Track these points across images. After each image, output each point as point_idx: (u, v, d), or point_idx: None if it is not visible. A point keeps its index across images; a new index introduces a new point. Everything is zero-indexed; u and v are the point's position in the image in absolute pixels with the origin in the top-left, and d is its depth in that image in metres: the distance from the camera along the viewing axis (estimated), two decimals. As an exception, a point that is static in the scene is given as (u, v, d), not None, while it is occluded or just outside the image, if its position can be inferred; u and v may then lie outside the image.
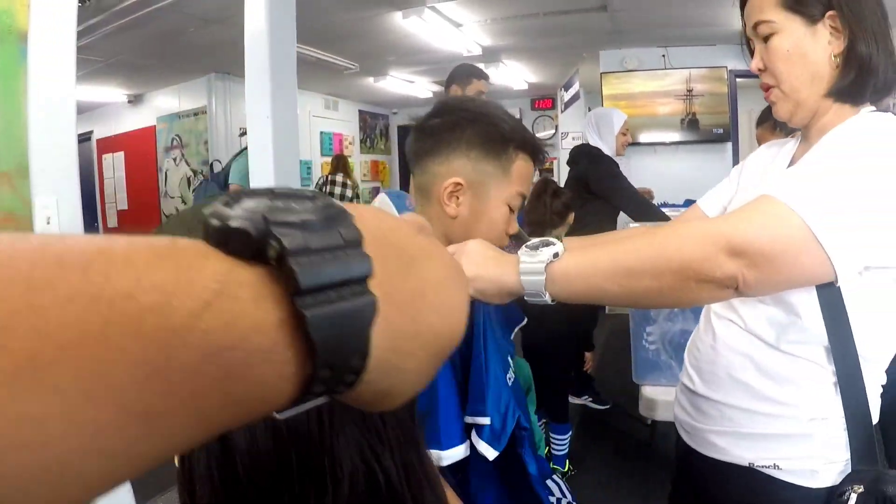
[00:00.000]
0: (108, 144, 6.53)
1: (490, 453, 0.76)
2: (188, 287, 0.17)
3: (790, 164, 0.88)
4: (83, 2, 3.09)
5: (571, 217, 2.26)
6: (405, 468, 0.40)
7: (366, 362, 0.21)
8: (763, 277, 0.68)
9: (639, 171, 4.76)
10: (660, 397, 2.00)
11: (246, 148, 2.83)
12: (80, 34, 1.99)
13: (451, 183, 0.86)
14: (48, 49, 1.42)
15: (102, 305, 0.16)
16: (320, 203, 0.21)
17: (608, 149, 2.75)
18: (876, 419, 0.82)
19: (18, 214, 1.40)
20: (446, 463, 0.75)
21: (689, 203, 1.15)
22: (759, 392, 0.82)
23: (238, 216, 0.19)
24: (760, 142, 2.60)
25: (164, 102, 6.02)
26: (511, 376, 0.90)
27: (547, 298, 0.72)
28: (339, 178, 5.39)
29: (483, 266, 0.73)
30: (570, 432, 2.45)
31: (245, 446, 0.38)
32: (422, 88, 6.77)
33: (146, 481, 1.76)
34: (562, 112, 6.59)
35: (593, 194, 2.65)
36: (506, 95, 7.18)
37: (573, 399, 2.86)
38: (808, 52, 0.79)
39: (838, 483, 0.77)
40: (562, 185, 2.64)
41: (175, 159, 5.95)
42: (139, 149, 6.21)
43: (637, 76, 5.10)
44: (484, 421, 0.76)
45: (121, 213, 6.51)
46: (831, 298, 0.74)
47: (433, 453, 0.70)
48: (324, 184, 5.47)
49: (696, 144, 5.12)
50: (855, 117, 0.80)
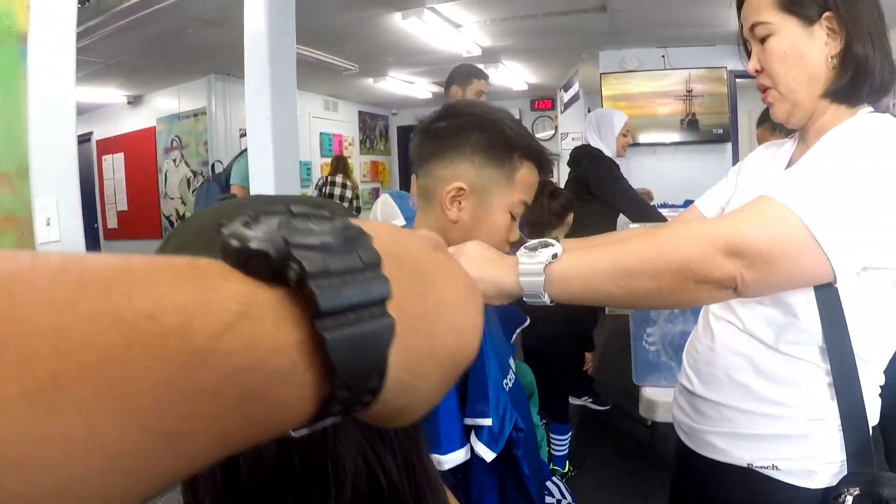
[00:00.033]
0: (108, 145, 6.53)
1: (488, 455, 0.76)
2: (210, 309, 0.18)
3: (788, 165, 0.89)
4: (83, 3, 3.09)
5: (570, 218, 2.25)
6: (407, 469, 0.40)
7: (383, 383, 0.21)
8: (762, 278, 0.68)
9: (638, 172, 4.76)
10: (660, 398, 1.99)
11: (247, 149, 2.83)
12: (80, 35, 2.00)
13: (454, 187, 0.86)
14: (48, 50, 1.42)
15: (125, 326, 0.16)
16: (339, 224, 0.22)
17: (608, 150, 2.75)
18: (875, 420, 0.82)
19: (18, 215, 1.40)
20: (447, 467, 0.75)
21: (689, 203, 1.15)
22: (758, 393, 0.82)
23: (258, 238, 0.19)
24: (760, 142, 2.61)
25: (164, 103, 6.02)
26: (511, 377, 0.90)
27: (546, 300, 0.72)
28: (339, 179, 5.38)
29: (482, 267, 0.73)
30: (570, 433, 2.45)
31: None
32: (421, 89, 6.77)
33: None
34: (561, 113, 6.59)
35: (593, 195, 2.65)
36: (505, 96, 7.18)
37: (573, 400, 2.86)
38: (805, 54, 0.79)
39: (836, 484, 0.77)
40: (561, 186, 2.64)
41: (175, 160, 5.95)
42: (139, 150, 6.21)
43: (637, 77, 5.10)
44: (485, 422, 0.76)
45: (120, 214, 6.51)
46: (829, 299, 0.74)
47: (433, 457, 0.70)
48: (323, 184, 5.46)
49: (696, 145, 5.11)
50: (853, 118, 0.80)
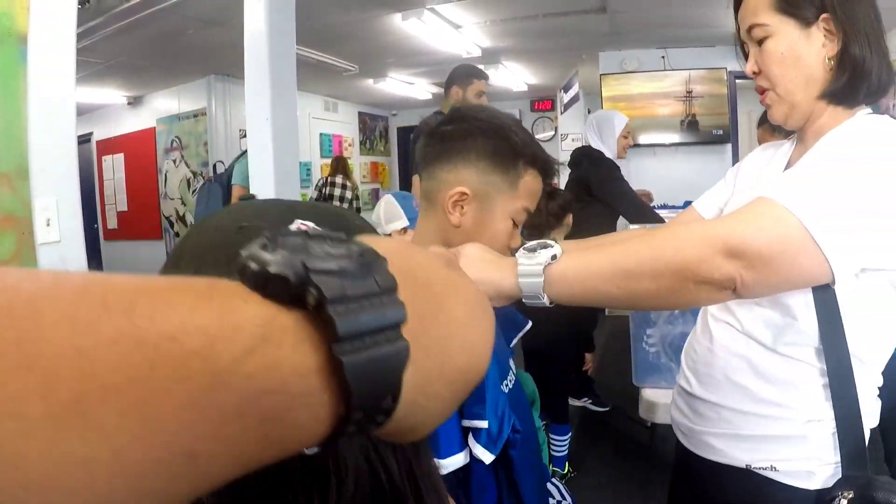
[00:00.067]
0: (108, 146, 6.53)
1: (487, 457, 0.76)
2: (232, 333, 0.18)
3: (787, 167, 0.89)
4: (83, 4, 3.09)
5: (569, 219, 2.24)
6: (408, 467, 0.40)
7: (397, 404, 0.21)
8: (761, 279, 0.68)
9: (638, 173, 4.76)
10: (660, 400, 1.99)
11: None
12: (80, 36, 2.00)
13: (457, 192, 0.85)
14: (48, 51, 1.42)
15: (148, 348, 0.16)
16: (356, 248, 0.22)
17: (609, 152, 2.75)
18: (875, 422, 0.82)
19: (18, 216, 1.40)
20: (446, 471, 0.75)
21: (689, 204, 1.16)
22: (756, 394, 0.82)
23: (276, 262, 0.20)
24: (761, 142, 2.60)
25: (164, 104, 6.02)
26: (512, 378, 0.90)
27: (545, 301, 0.72)
28: (339, 180, 5.38)
29: (481, 269, 0.73)
30: (570, 433, 2.45)
31: None
32: (421, 90, 6.77)
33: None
34: (561, 114, 6.59)
35: (594, 197, 2.65)
36: (505, 97, 7.18)
37: (573, 401, 2.86)
38: (803, 55, 0.79)
39: (830, 487, 0.77)
40: (561, 187, 2.63)
41: (175, 161, 5.95)
42: (139, 150, 6.21)
43: (636, 78, 5.10)
44: (482, 424, 0.76)
45: (120, 215, 6.51)
46: (827, 301, 0.74)
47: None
48: (323, 185, 5.46)
49: (696, 146, 5.11)
50: (851, 120, 0.80)
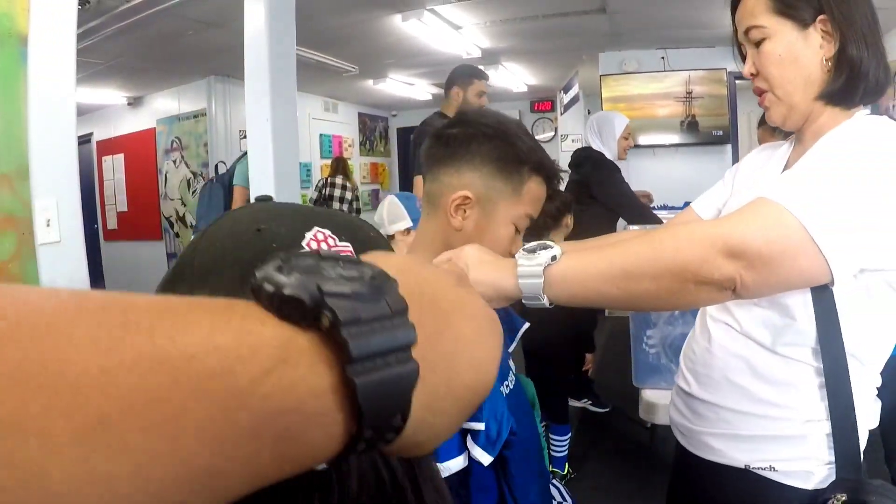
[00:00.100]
0: (108, 146, 6.53)
1: (485, 459, 0.76)
2: (250, 354, 0.19)
3: (785, 168, 0.89)
4: (83, 5, 3.10)
5: (567, 219, 2.23)
6: (410, 467, 0.40)
7: (406, 422, 0.22)
8: (761, 279, 0.68)
9: (638, 174, 4.76)
10: (660, 401, 1.99)
11: (248, 150, 2.83)
12: (80, 37, 2.00)
13: (460, 196, 0.85)
14: (48, 51, 1.42)
15: (169, 368, 0.17)
16: (367, 271, 0.23)
17: (610, 153, 2.76)
18: (875, 423, 0.82)
19: (18, 216, 1.40)
20: (446, 474, 0.75)
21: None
22: (755, 394, 0.82)
23: (291, 284, 0.21)
24: (762, 143, 2.61)
25: (164, 105, 6.01)
26: (512, 379, 0.90)
27: (545, 302, 0.72)
28: (339, 181, 5.38)
29: (480, 270, 0.73)
30: (570, 434, 2.45)
31: None
32: (421, 91, 6.77)
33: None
34: (561, 114, 6.58)
35: (594, 199, 2.65)
36: (505, 98, 7.18)
37: (573, 402, 2.86)
38: (800, 57, 0.79)
39: (824, 489, 0.76)
40: (561, 188, 2.63)
41: (175, 161, 5.95)
42: (139, 151, 6.20)
43: (636, 78, 5.10)
44: (478, 426, 0.76)
45: (120, 215, 6.50)
46: (824, 301, 0.74)
47: None
48: (323, 186, 5.45)
49: (696, 147, 5.11)
50: (850, 121, 0.81)
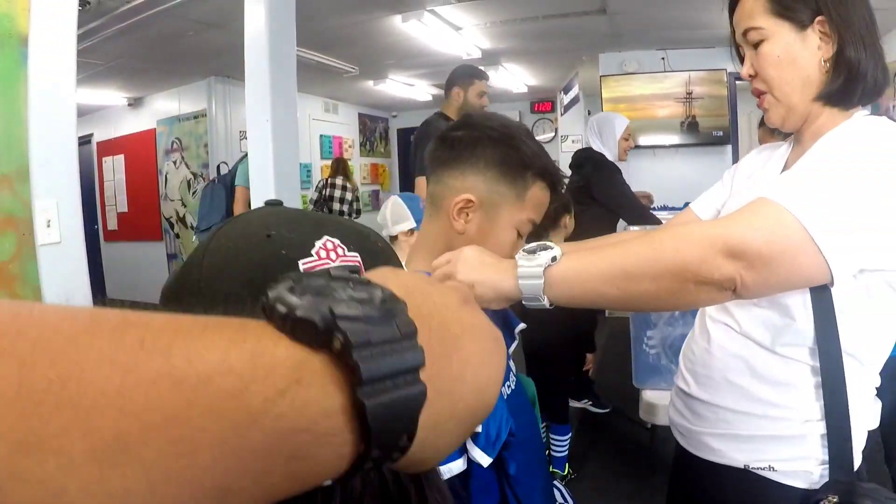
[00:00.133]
0: (109, 147, 6.53)
1: (484, 460, 0.76)
2: (265, 375, 0.19)
3: (784, 169, 0.89)
4: (83, 5, 3.10)
5: (566, 220, 2.23)
6: None
7: (412, 442, 0.23)
8: (760, 279, 0.68)
9: (638, 174, 4.76)
10: (660, 401, 1.99)
11: (248, 151, 2.83)
12: (81, 38, 2.00)
13: (463, 199, 0.85)
14: (49, 52, 1.43)
15: (186, 389, 0.17)
16: (378, 294, 0.23)
17: (610, 154, 2.76)
18: (875, 424, 0.82)
19: (18, 217, 1.40)
20: (446, 477, 0.75)
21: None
22: (754, 394, 0.82)
23: (303, 306, 0.21)
24: (762, 143, 2.61)
25: (164, 105, 6.02)
26: (512, 380, 0.90)
27: (545, 302, 0.72)
28: (339, 181, 5.38)
29: (480, 271, 0.73)
30: (570, 434, 2.45)
31: None
32: (421, 91, 6.78)
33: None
34: (561, 115, 6.59)
35: (595, 200, 2.65)
36: (505, 98, 7.19)
37: (573, 403, 2.86)
38: (799, 58, 0.79)
39: (816, 489, 0.76)
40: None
41: (175, 162, 5.95)
42: (139, 151, 6.21)
43: (636, 79, 5.10)
44: (476, 428, 0.76)
45: (121, 216, 6.51)
46: (823, 301, 0.74)
47: None
48: (323, 187, 5.45)
49: (696, 147, 5.11)
50: (849, 121, 0.81)
